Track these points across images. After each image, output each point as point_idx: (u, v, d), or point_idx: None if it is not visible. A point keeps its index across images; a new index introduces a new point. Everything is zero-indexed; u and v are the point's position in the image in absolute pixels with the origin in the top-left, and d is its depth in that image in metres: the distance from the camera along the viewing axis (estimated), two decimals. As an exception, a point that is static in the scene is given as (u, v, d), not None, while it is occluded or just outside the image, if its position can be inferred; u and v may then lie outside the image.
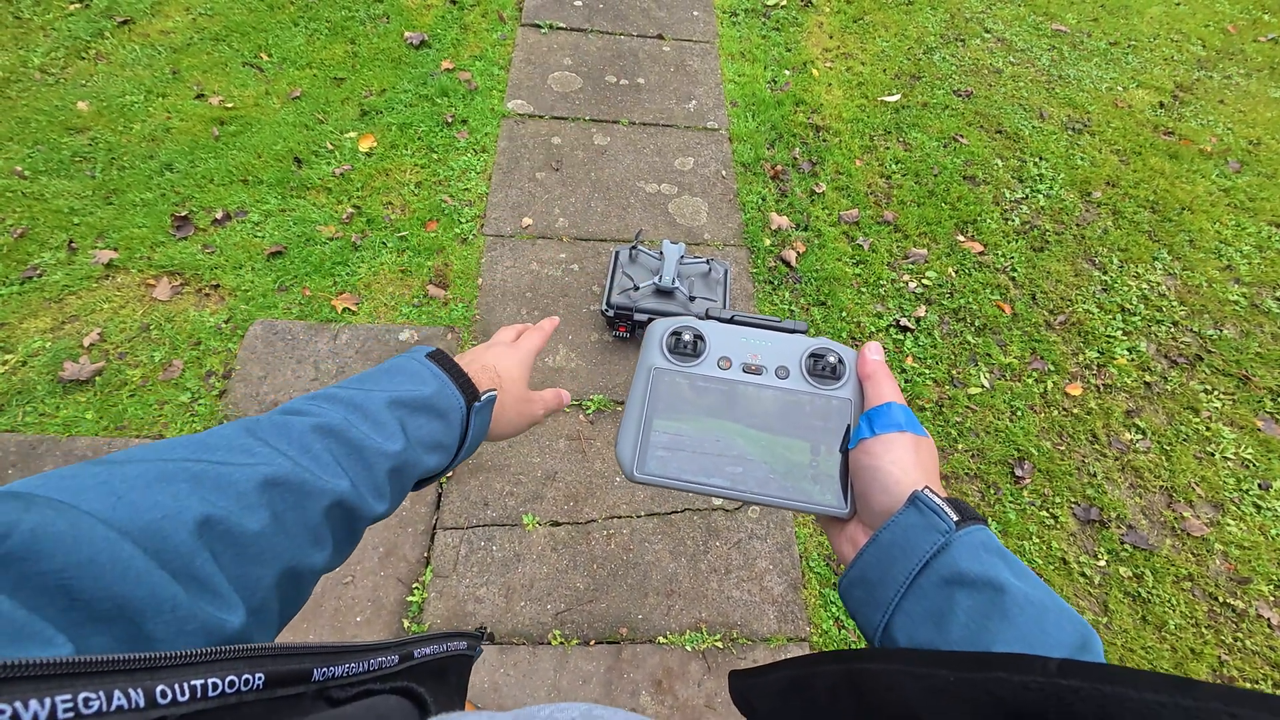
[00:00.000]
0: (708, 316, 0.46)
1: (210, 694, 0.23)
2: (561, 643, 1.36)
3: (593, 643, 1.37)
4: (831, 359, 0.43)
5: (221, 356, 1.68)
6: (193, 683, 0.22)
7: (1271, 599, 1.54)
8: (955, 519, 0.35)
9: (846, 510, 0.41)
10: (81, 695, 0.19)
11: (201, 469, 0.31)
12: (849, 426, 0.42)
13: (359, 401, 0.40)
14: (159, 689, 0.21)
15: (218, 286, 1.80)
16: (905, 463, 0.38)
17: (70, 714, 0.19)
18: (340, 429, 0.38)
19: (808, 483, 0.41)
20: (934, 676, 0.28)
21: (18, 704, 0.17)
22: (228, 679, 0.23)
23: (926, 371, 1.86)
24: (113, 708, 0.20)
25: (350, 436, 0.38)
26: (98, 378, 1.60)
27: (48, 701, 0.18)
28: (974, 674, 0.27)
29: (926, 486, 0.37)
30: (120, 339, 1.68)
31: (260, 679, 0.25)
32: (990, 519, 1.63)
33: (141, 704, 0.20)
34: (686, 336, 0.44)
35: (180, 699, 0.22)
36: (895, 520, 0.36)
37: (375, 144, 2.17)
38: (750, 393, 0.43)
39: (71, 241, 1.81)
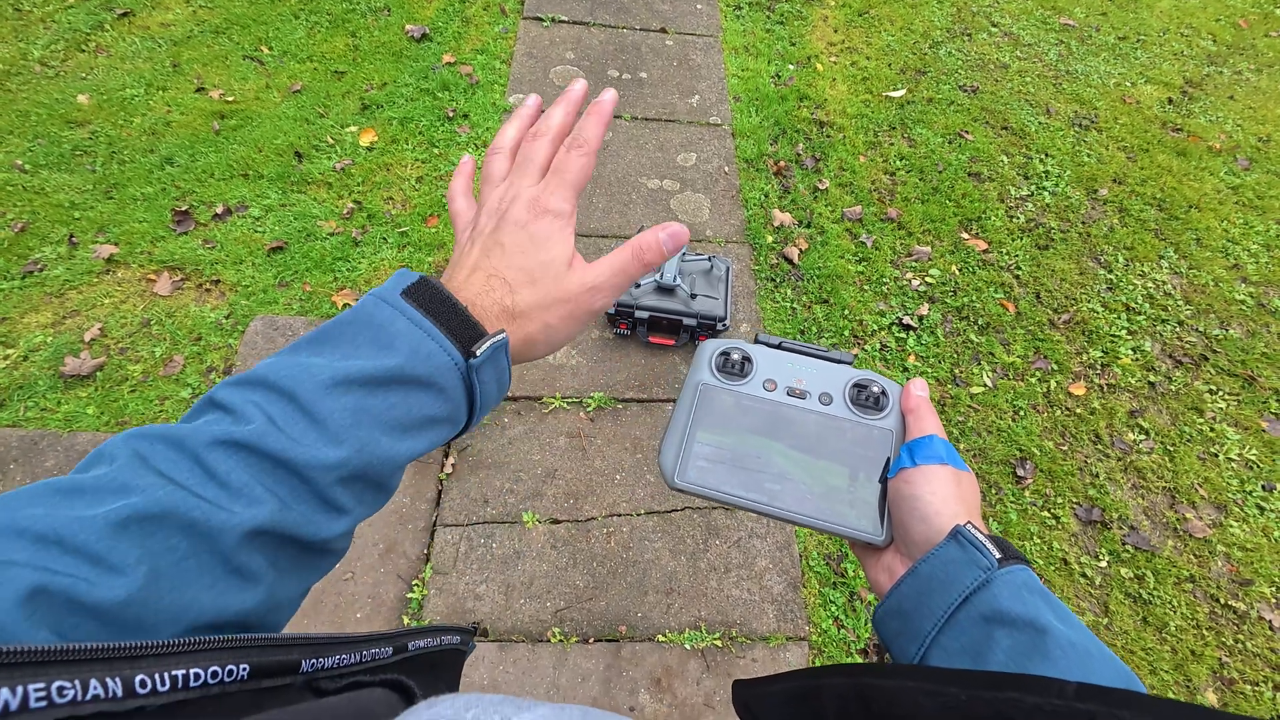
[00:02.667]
0: (757, 341, 0.48)
1: (192, 684, 0.22)
2: (561, 640, 1.36)
3: (592, 640, 1.37)
4: (875, 389, 0.44)
5: (222, 352, 1.68)
6: (174, 672, 0.22)
7: (1273, 601, 1.53)
8: (998, 556, 0.35)
9: (883, 538, 0.41)
10: (56, 684, 0.19)
11: (54, 521, 0.24)
12: (889, 457, 0.42)
13: (292, 387, 0.30)
14: (138, 678, 0.21)
15: (218, 282, 1.80)
16: (945, 495, 0.38)
17: (43, 703, 0.18)
18: (253, 441, 0.28)
19: (844, 506, 0.42)
20: (945, 694, 0.28)
21: None
22: (210, 669, 0.23)
23: (929, 370, 1.85)
24: (88, 697, 0.19)
25: (269, 449, 0.28)
26: (99, 373, 1.60)
27: (19, 690, 0.18)
28: (987, 693, 0.27)
29: (969, 521, 0.37)
30: (121, 334, 1.68)
31: (245, 669, 0.24)
32: (992, 520, 1.62)
33: (119, 693, 0.20)
34: (735, 357, 0.46)
35: (160, 689, 0.21)
36: (935, 553, 0.36)
37: (376, 138, 2.15)
38: (793, 415, 0.44)
39: (72, 236, 1.81)
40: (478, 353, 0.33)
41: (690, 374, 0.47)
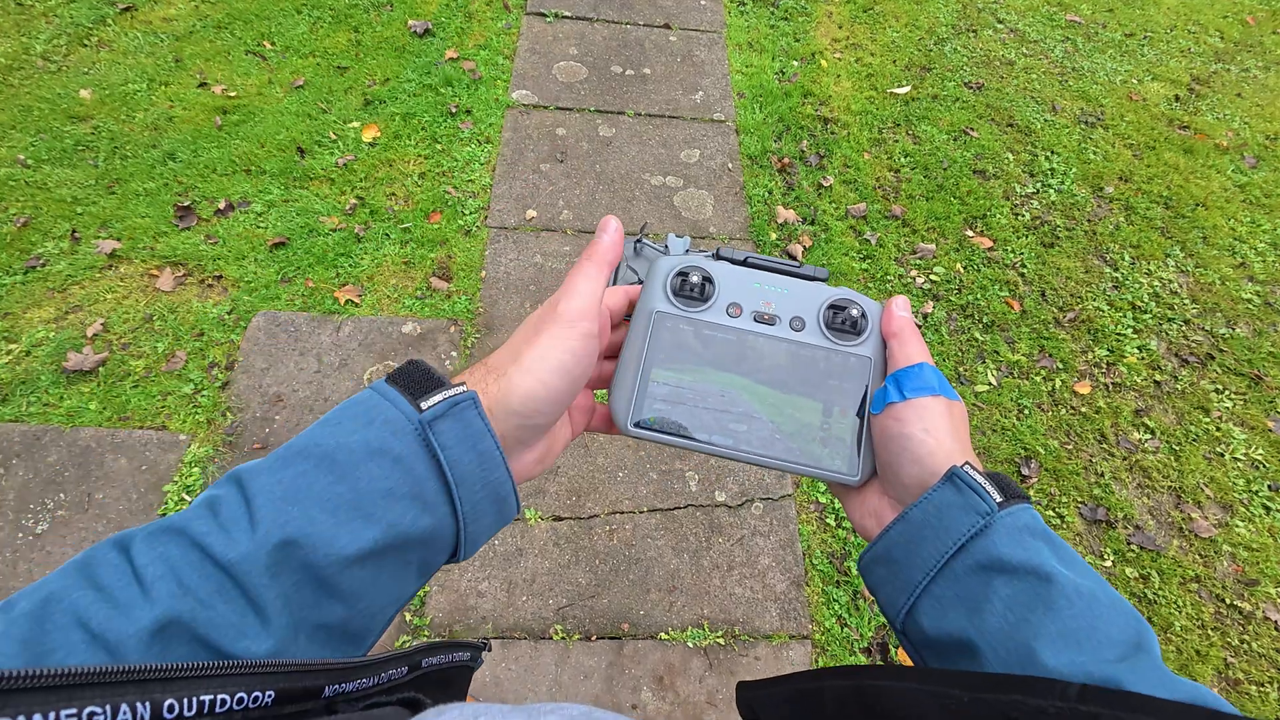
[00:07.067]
0: (719, 257, 0.42)
1: (218, 709, 0.22)
2: (563, 638, 1.36)
3: (594, 638, 1.37)
4: (854, 312, 0.39)
5: (224, 348, 1.67)
6: (201, 697, 0.22)
7: (1279, 601, 1.53)
8: (998, 500, 0.32)
9: (857, 478, 0.38)
10: (87, 710, 0.19)
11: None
12: (867, 387, 0.39)
13: (239, 471, 0.29)
14: (166, 703, 0.21)
15: (220, 277, 1.79)
16: (939, 431, 0.35)
17: None
18: (181, 525, 0.27)
19: (816, 445, 0.38)
20: (947, 695, 0.27)
21: (20, 718, 0.18)
22: (236, 695, 0.23)
23: (933, 368, 1.84)
24: None
25: (193, 533, 0.26)
26: (101, 368, 1.60)
27: (51, 715, 0.18)
28: (989, 695, 0.26)
29: (967, 462, 0.34)
30: (123, 329, 1.67)
31: (270, 695, 0.24)
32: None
33: (147, 717, 0.20)
34: (694, 278, 0.40)
35: (187, 713, 0.21)
36: (929, 497, 0.33)
37: (379, 134, 2.15)
38: (761, 345, 0.39)
39: (74, 231, 1.81)
40: (426, 405, 0.30)
41: (642, 299, 0.40)
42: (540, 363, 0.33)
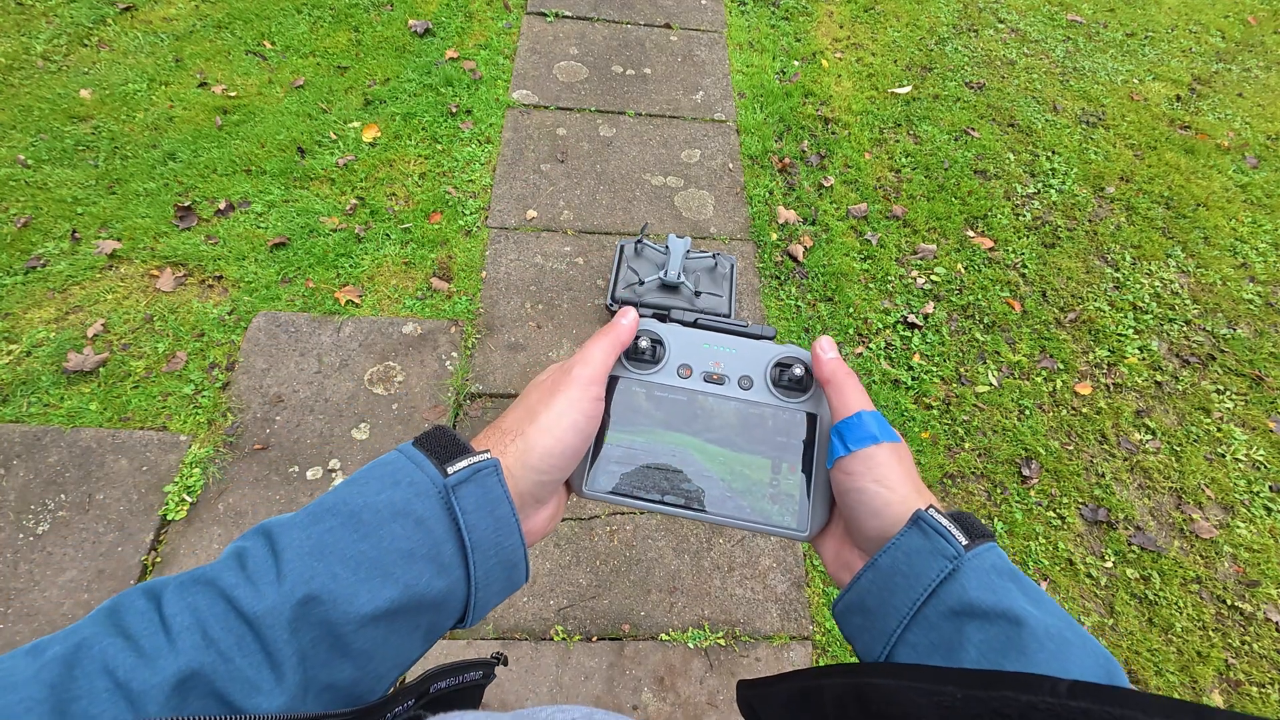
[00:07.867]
0: (670, 319, 0.44)
1: None
2: (564, 639, 1.36)
3: (595, 639, 1.37)
4: (797, 370, 0.41)
5: (225, 348, 1.67)
6: None
7: (1280, 602, 1.52)
8: (964, 542, 0.33)
9: (806, 533, 0.39)
10: None
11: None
12: (814, 443, 0.40)
13: (270, 524, 0.30)
14: None
15: (221, 278, 1.79)
16: (890, 479, 0.36)
17: None
18: (210, 577, 0.28)
19: (766, 502, 0.39)
20: (941, 693, 0.28)
21: None
22: None
23: (934, 369, 1.84)
24: None
25: (221, 585, 0.27)
26: (102, 369, 1.60)
27: None
28: (981, 692, 0.27)
29: (931, 505, 0.35)
30: (124, 330, 1.67)
31: None
32: (996, 519, 1.61)
33: None
34: (644, 343, 0.41)
35: None
36: (897, 543, 0.34)
37: (379, 134, 2.15)
38: (710, 404, 0.41)
39: (75, 231, 1.80)
40: (452, 470, 0.32)
41: None
42: (558, 420, 0.36)
